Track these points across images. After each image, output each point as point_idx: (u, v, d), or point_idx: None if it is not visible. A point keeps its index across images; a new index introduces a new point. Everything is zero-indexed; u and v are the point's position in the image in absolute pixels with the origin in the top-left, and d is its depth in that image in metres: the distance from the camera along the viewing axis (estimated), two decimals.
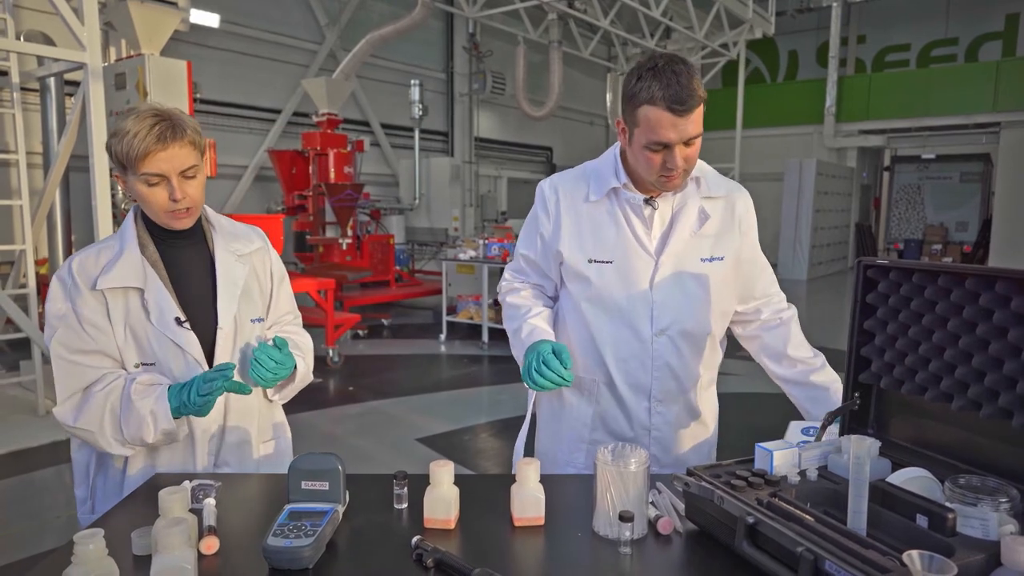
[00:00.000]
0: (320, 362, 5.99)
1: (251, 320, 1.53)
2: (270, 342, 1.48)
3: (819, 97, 15.78)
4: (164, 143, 1.31)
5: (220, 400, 1.45)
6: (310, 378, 1.64)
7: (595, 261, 1.54)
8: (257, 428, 1.56)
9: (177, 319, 1.41)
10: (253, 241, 1.58)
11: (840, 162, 15.93)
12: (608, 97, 12.99)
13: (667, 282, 1.52)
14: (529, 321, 1.58)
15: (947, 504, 1.00)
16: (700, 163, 1.57)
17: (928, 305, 1.17)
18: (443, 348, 7.35)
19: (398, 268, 9.74)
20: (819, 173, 14.19)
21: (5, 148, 7.58)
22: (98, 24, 4.10)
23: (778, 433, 1.35)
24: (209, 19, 9.08)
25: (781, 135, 16.53)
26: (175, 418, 1.36)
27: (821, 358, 1.66)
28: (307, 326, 1.78)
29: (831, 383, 1.61)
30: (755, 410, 5.32)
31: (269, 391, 1.57)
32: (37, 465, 3.99)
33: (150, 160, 1.31)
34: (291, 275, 4.24)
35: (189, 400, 1.34)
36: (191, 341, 1.42)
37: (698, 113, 1.37)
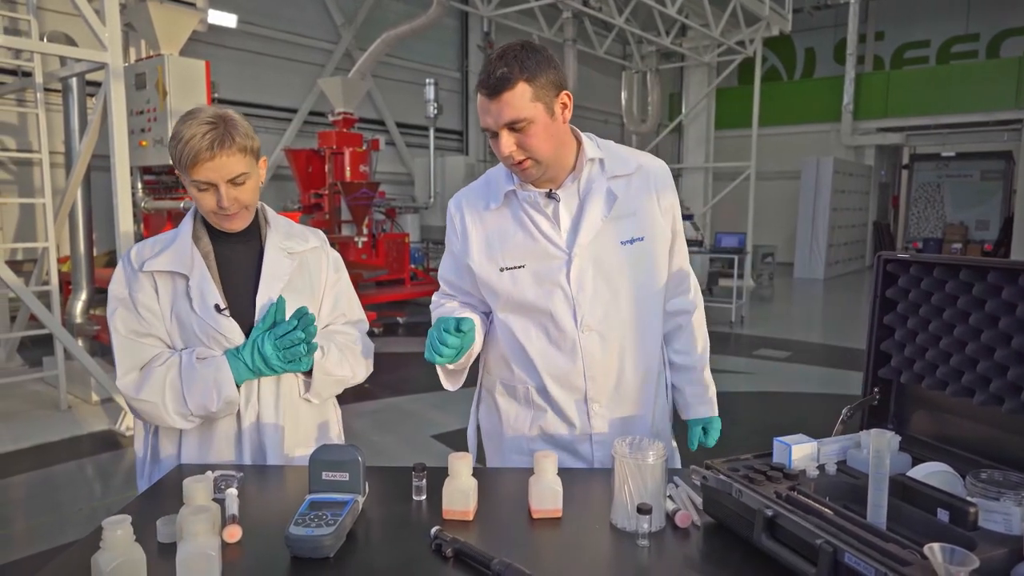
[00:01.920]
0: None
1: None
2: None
3: (836, 95, 15.64)
4: (212, 152, 1.35)
5: (254, 396, 1.48)
6: (348, 377, 1.59)
7: (507, 268, 1.48)
8: (294, 424, 1.54)
9: (216, 306, 1.44)
10: (308, 240, 1.60)
11: (858, 160, 15.78)
12: (623, 95, 12.94)
13: (585, 275, 1.45)
14: (440, 308, 1.58)
15: (969, 498, 0.99)
16: (604, 143, 1.52)
17: (949, 299, 1.17)
18: None
19: (413, 266, 9.77)
20: (836, 171, 14.07)
21: (29, 148, 7.71)
22: (119, 25, 4.15)
23: (792, 432, 1.33)
24: (227, 19, 9.17)
25: (798, 133, 16.41)
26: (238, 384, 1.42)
27: (699, 362, 1.65)
28: None
29: (692, 387, 1.64)
30: (770, 409, 5.30)
31: (301, 388, 1.55)
32: (59, 459, 4.06)
33: (199, 168, 1.36)
34: None
35: (258, 356, 1.39)
36: (231, 328, 1.45)
37: (512, 96, 1.28)
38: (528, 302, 1.48)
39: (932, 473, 1.08)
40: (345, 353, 1.57)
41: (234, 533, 1.09)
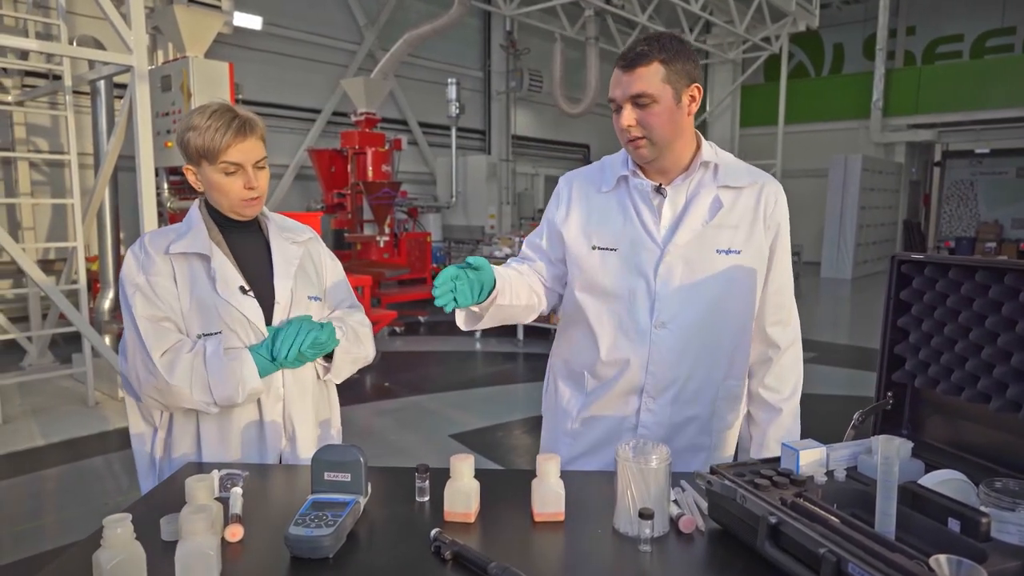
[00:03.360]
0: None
1: (308, 297, 1.59)
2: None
3: (865, 91, 15.33)
4: (243, 135, 1.43)
5: (278, 382, 1.52)
6: (365, 356, 1.65)
7: (599, 248, 1.51)
8: (314, 406, 1.60)
9: (242, 288, 1.48)
10: (304, 232, 1.67)
11: (887, 157, 15.46)
12: None
13: (673, 272, 1.46)
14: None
15: (981, 508, 0.96)
16: (724, 153, 1.54)
17: (965, 301, 1.13)
18: (478, 345, 7.38)
19: (435, 265, 9.82)
20: (865, 169, 13.79)
21: (60, 150, 7.89)
22: (144, 28, 4.22)
23: (814, 435, 1.30)
24: (252, 21, 9.29)
25: (825, 130, 16.13)
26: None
27: (787, 405, 1.57)
28: None
29: (774, 431, 1.55)
30: (811, 412, 5.20)
31: (320, 370, 1.61)
32: (87, 454, 4.15)
33: (232, 151, 1.42)
34: None
35: (282, 349, 1.42)
36: (255, 310, 1.48)
37: (645, 72, 1.36)
38: (609, 286, 1.50)
39: (944, 481, 1.04)
40: (359, 333, 1.64)
41: (236, 532, 1.10)
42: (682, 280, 1.47)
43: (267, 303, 1.52)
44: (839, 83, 16.48)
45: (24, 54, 6.02)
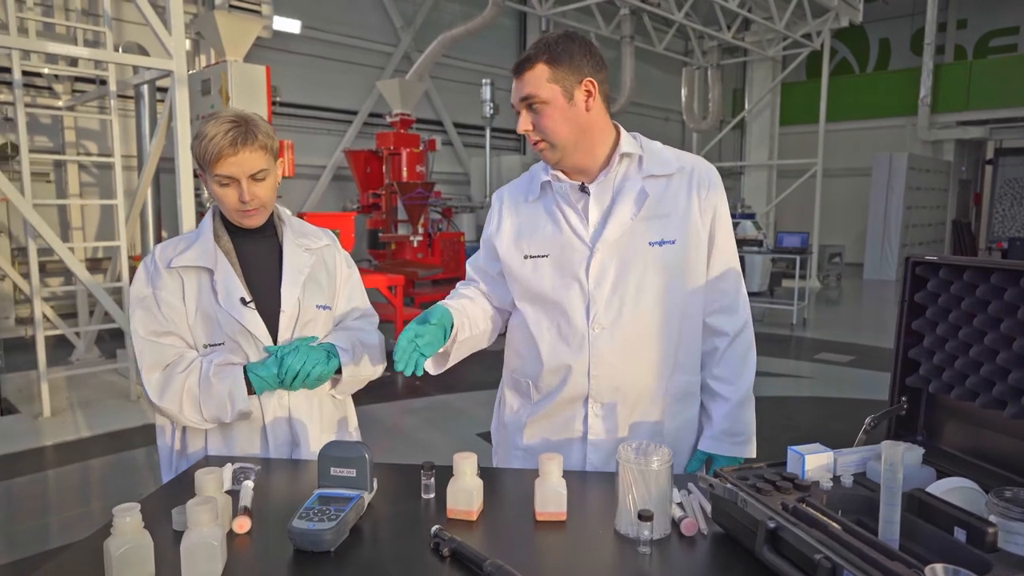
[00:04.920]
0: (388, 357, 6.14)
1: (316, 306, 1.58)
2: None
3: (912, 87, 14.88)
4: (235, 148, 1.40)
5: (285, 392, 1.53)
6: (370, 375, 1.63)
7: (530, 256, 1.50)
8: (320, 421, 1.59)
9: (242, 299, 1.49)
10: (321, 239, 1.66)
11: (935, 155, 14.97)
12: (683, 92, 12.69)
13: (605, 271, 1.43)
14: (447, 299, 1.55)
15: (989, 518, 0.93)
16: (649, 143, 1.50)
17: (980, 305, 1.10)
18: None
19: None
20: (911, 167, 13.38)
21: (109, 152, 8.19)
22: (184, 34, 4.35)
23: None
24: (291, 25, 9.48)
25: (869, 128, 15.71)
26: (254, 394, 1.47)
27: (736, 394, 1.51)
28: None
29: (724, 423, 1.50)
30: (825, 415, 5.09)
31: (327, 384, 1.60)
32: (130, 445, 4.31)
33: (222, 163, 1.41)
34: (362, 272, 4.38)
35: (271, 371, 1.44)
36: (255, 321, 1.49)
37: (531, 75, 1.37)
38: (545, 293, 1.49)
39: (953, 489, 1.01)
40: (370, 353, 1.62)
41: (243, 524, 1.13)
42: (615, 278, 1.43)
43: (274, 311, 1.52)
44: (884, 79, 16.02)
45: (74, 61, 6.26)
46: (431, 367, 1.49)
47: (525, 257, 1.51)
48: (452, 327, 1.43)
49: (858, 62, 17.47)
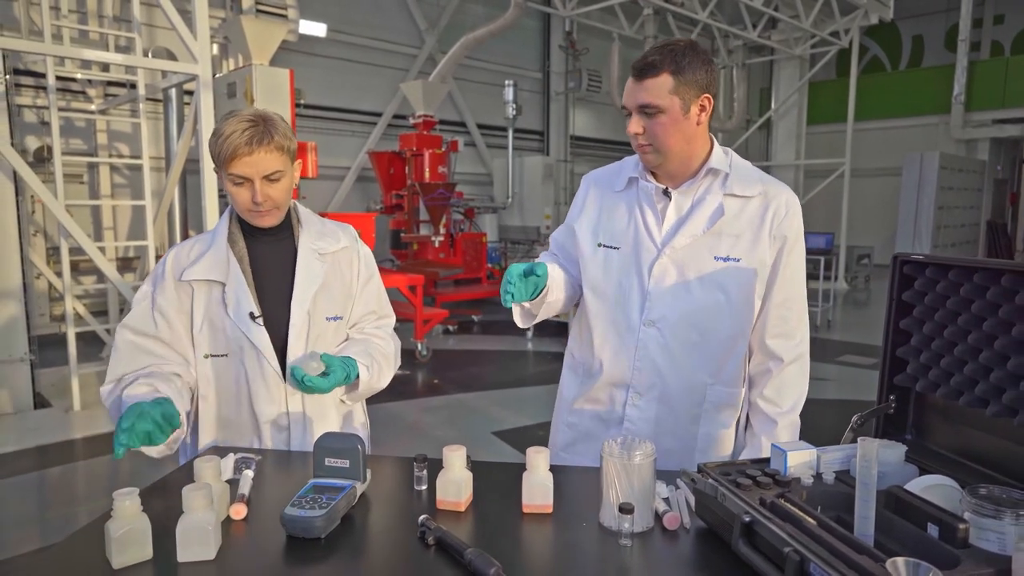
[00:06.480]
0: (409, 355, 6.20)
1: (327, 318, 1.57)
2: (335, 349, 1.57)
3: (945, 85, 14.55)
4: (251, 147, 1.39)
5: (298, 394, 1.54)
6: (382, 383, 1.63)
7: (604, 246, 1.57)
8: (328, 425, 1.61)
9: (251, 314, 1.48)
10: (340, 240, 1.62)
11: (969, 154, 14.62)
12: None
13: (667, 274, 1.50)
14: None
15: (963, 515, 0.93)
16: (741, 162, 1.54)
17: (964, 303, 1.10)
18: (530, 345, 7.42)
19: (490, 266, 9.92)
20: (943, 167, 13.06)
21: (140, 154, 8.42)
22: (208, 38, 4.46)
23: None
24: (316, 29, 9.62)
25: (900, 127, 15.40)
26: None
27: (783, 419, 1.52)
28: (396, 320, 1.80)
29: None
30: (844, 417, 5.00)
31: (340, 390, 1.59)
32: None
33: (237, 162, 1.40)
34: (382, 271, 4.44)
35: (126, 426, 1.23)
36: (261, 336, 1.49)
37: (654, 83, 1.39)
38: (608, 283, 1.56)
39: (932, 486, 1.02)
40: (384, 364, 1.63)
41: (239, 511, 1.18)
42: (675, 282, 1.50)
43: (284, 323, 1.52)
44: (915, 77, 15.70)
45: (106, 66, 6.45)
46: (519, 320, 1.62)
47: (599, 245, 1.58)
48: (544, 287, 1.51)
49: (890, 59, 17.12)
